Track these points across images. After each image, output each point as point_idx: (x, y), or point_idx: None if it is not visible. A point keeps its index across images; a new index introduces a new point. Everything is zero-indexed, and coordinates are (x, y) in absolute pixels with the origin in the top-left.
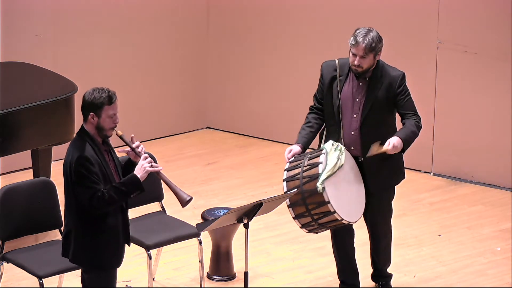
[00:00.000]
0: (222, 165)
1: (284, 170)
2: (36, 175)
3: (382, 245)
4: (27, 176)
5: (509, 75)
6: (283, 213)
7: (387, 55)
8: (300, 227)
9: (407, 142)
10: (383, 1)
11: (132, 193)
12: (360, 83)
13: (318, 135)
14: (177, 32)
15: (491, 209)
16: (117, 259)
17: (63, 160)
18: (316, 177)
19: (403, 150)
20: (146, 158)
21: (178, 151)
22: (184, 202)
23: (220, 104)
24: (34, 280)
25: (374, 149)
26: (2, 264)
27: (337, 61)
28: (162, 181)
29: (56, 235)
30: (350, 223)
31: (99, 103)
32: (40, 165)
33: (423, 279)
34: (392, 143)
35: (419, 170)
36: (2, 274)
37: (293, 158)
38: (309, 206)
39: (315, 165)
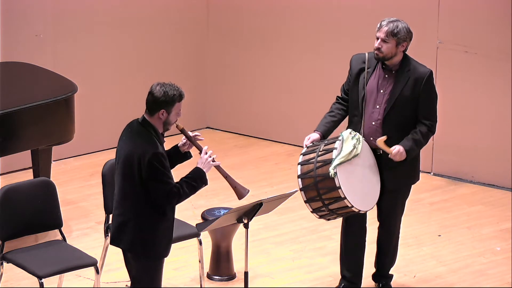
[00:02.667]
0: (222, 165)
1: (300, 154)
2: (36, 175)
3: (392, 243)
4: (27, 176)
5: (509, 75)
6: (283, 213)
7: None
8: (311, 212)
9: (410, 153)
10: (383, 1)
11: (200, 187)
12: (386, 75)
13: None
14: (177, 32)
15: (491, 209)
16: (168, 250)
17: (62, 160)
18: (329, 162)
19: (401, 163)
20: (206, 152)
21: None
22: (242, 196)
23: (220, 104)
24: (34, 280)
25: (381, 142)
26: (2, 264)
27: (367, 54)
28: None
29: (56, 235)
30: (361, 212)
31: (171, 100)
32: (40, 165)
33: (423, 279)
34: (398, 149)
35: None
36: (2, 274)
37: (311, 144)
38: (320, 191)
39: (330, 150)
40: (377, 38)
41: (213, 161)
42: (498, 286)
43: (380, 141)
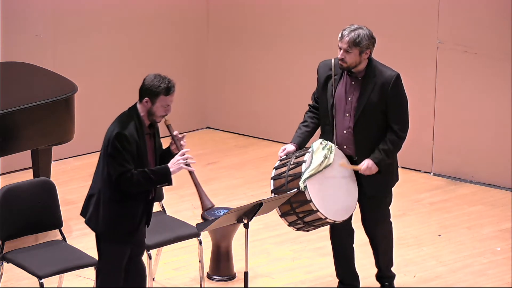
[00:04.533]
0: (222, 165)
1: (273, 168)
2: (36, 175)
3: (382, 247)
4: (27, 176)
5: (509, 75)
6: None
7: (387, 55)
8: (288, 225)
9: (380, 165)
10: (383, 1)
11: (159, 183)
12: (353, 82)
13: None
14: (177, 32)
15: (491, 209)
16: (129, 237)
17: (62, 160)
18: (299, 175)
19: (379, 171)
20: (183, 154)
21: None
22: (206, 208)
23: (220, 104)
24: (34, 280)
25: (344, 164)
26: (2, 264)
27: (333, 60)
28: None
29: (56, 235)
30: (336, 222)
31: (156, 91)
32: (40, 165)
33: (423, 279)
34: (366, 164)
35: (419, 170)
36: (2, 274)
37: (284, 156)
38: (293, 205)
39: (299, 163)
40: (340, 49)
41: (187, 165)
42: (498, 286)
43: (342, 163)
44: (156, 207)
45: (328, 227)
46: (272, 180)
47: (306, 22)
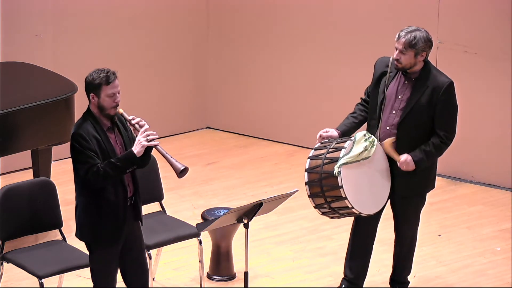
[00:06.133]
0: (222, 165)
1: (312, 149)
2: (36, 175)
3: (404, 250)
4: (27, 176)
5: (509, 75)
6: (283, 213)
7: (387, 55)
8: (314, 207)
9: (418, 164)
10: (383, 1)
11: (127, 168)
12: (406, 82)
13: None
14: (177, 32)
15: (491, 209)
16: (116, 236)
17: (62, 160)
18: (336, 159)
19: (414, 170)
20: (143, 132)
21: (178, 151)
22: (178, 172)
23: (220, 104)
24: (34, 280)
25: (387, 144)
26: (2, 264)
27: (391, 58)
28: (161, 155)
29: (56, 235)
30: (362, 214)
31: (97, 84)
32: (40, 165)
33: (423, 279)
34: (405, 158)
35: None
36: (2, 274)
37: (326, 140)
38: (324, 187)
39: (339, 149)
40: (396, 49)
41: (150, 141)
42: (498, 286)
43: (387, 142)
44: (156, 207)
45: (352, 222)
46: (308, 160)
47: (307, 23)
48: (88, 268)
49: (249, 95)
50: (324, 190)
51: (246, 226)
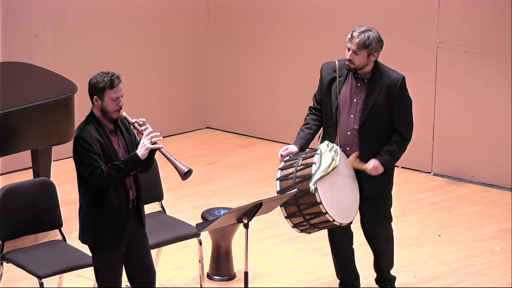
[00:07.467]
0: (222, 165)
1: (278, 169)
2: (36, 175)
3: (383, 249)
4: (27, 176)
5: (509, 75)
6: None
7: (387, 55)
8: (292, 227)
9: (386, 166)
10: (383, 1)
11: (131, 170)
12: (359, 84)
13: (317, 136)
14: (177, 32)
15: (491, 209)
16: (118, 240)
17: (62, 160)
18: (309, 177)
19: (384, 172)
20: (147, 135)
21: (178, 151)
22: (182, 174)
23: (220, 104)
24: (34, 280)
25: (353, 161)
26: (2, 264)
27: (337, 62)
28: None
29: (56, 235)
30: (342, 225)
31: (101, 87)
32: (40, 165)
33: (423, 279)
34: (373, 164)
35: (419, 170)
36: (2, 274)
37: (288, 157)
38: (301, 206)
39: (309, 165)
40: (348, 49)
41: (154, 143)
42: (498, 286)
43: (352, 159)
44: (156, 207)
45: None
46: (278, 181)
47: (307, 23)
48: (88, 268)
49: (249, 95)
50: (302, 209)
51: (246, 226)
